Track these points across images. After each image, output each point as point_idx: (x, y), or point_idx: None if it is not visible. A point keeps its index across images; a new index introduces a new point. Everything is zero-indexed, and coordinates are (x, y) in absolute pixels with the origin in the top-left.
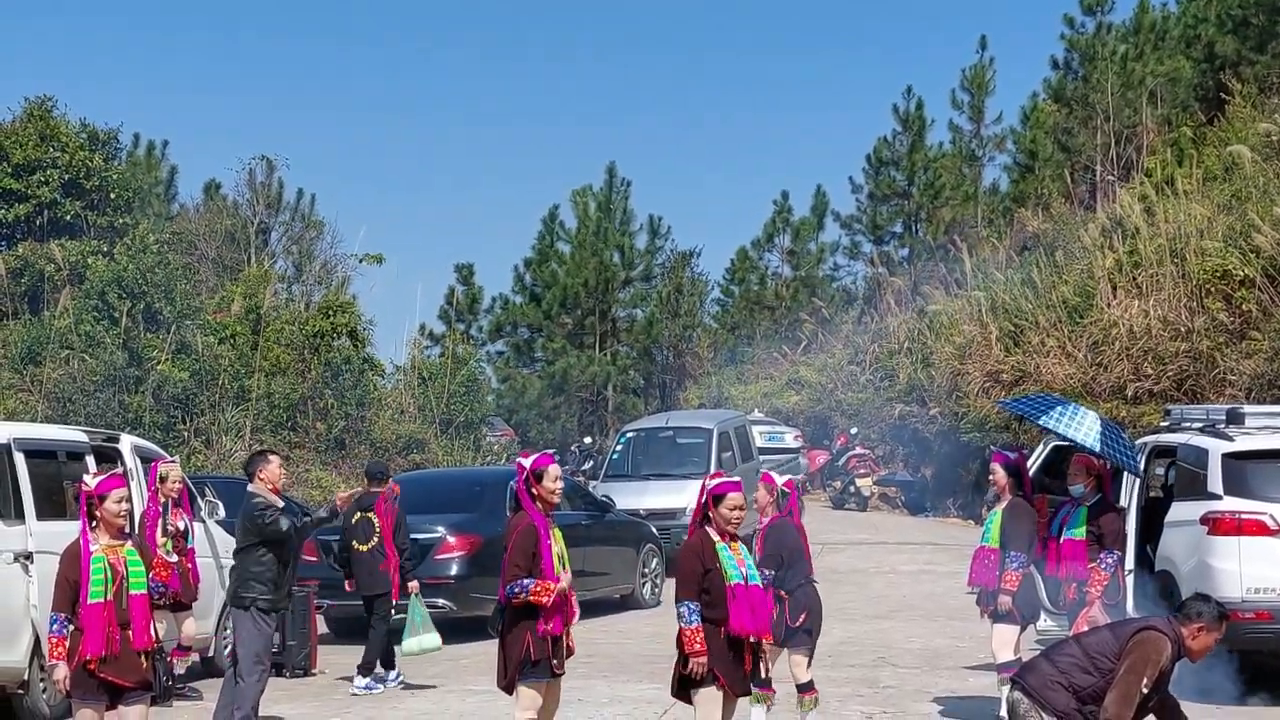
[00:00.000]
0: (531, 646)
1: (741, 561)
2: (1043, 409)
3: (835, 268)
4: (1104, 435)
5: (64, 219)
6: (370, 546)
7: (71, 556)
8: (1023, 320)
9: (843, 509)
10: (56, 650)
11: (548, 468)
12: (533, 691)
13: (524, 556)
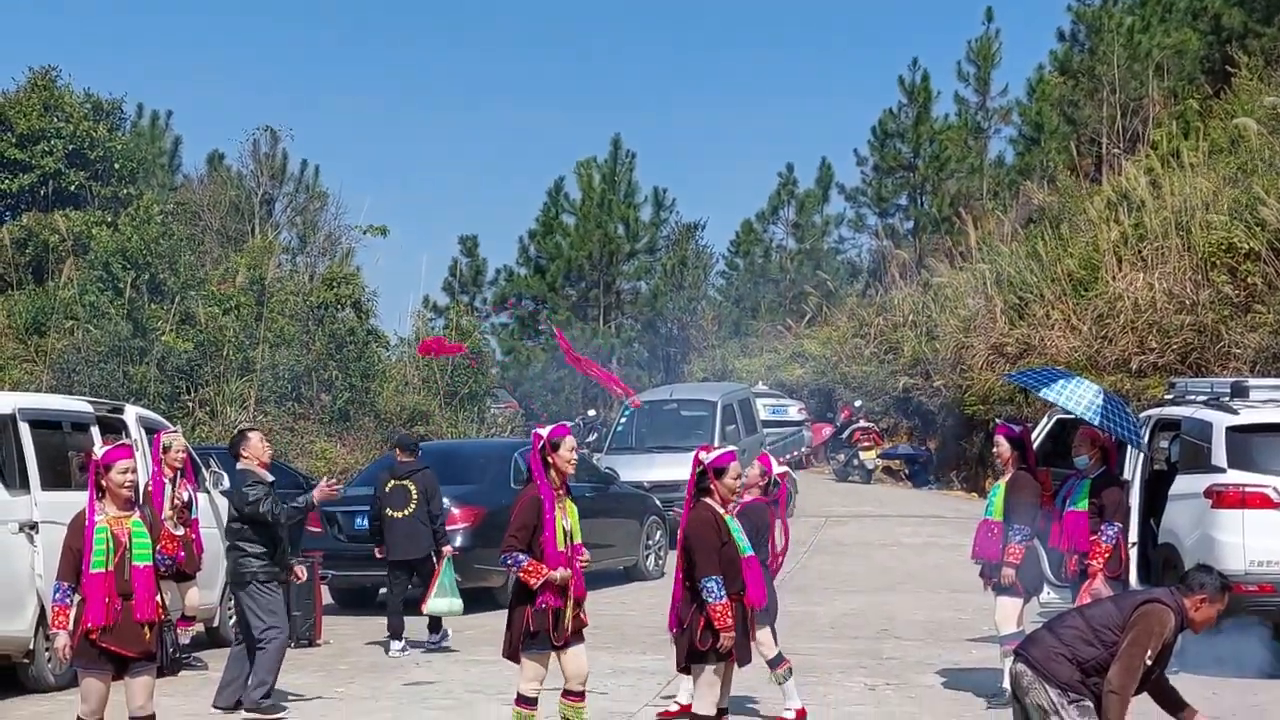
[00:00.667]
0: (530, 619)
1: (744, 534)
2: (1045, 381)
3: (840, 240)
4: (1105, 408)
5: (68, 189)
6: (407, 513)
7: (76, 526)
8: (1027, 293)
9: (846, 481)
10: (59, 619)
11: (564, 438)
12: (535, 663)
13: (522, 529)
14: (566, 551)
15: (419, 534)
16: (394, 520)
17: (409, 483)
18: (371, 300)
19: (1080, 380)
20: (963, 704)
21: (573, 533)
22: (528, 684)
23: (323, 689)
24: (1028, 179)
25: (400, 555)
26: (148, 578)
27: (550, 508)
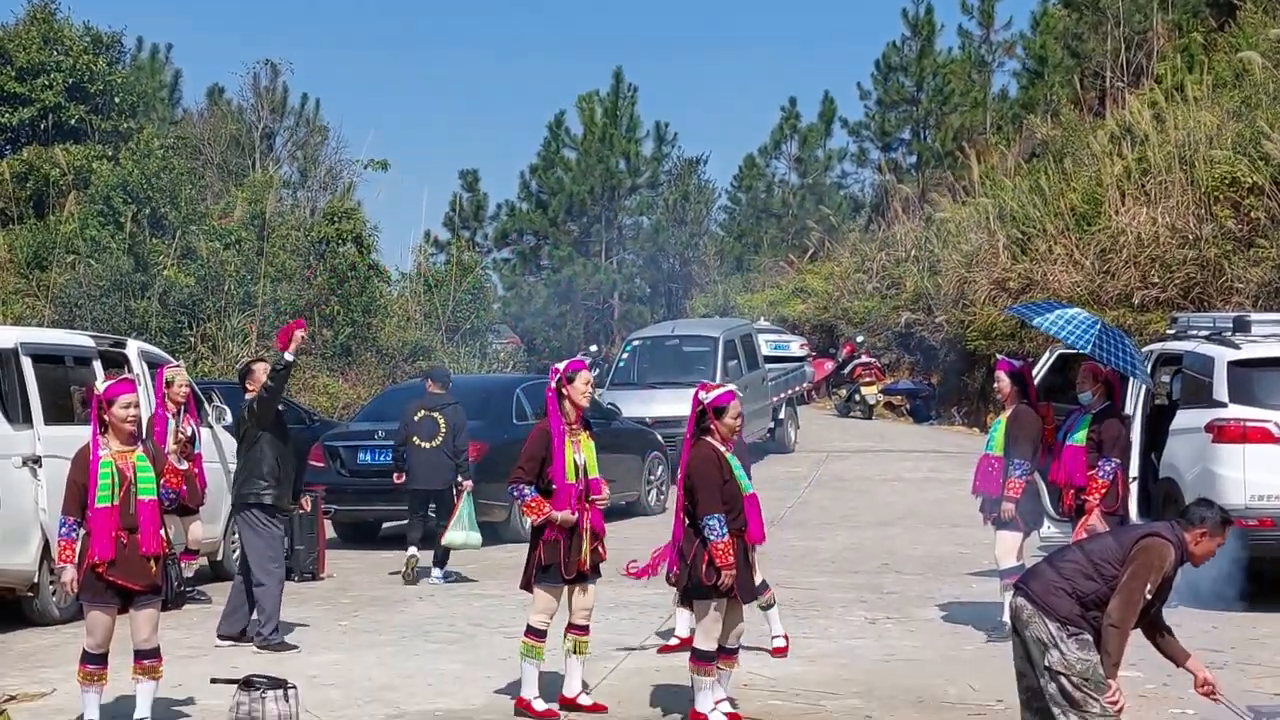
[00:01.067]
0: (541, 552)
1: (744, 470)
2: (1041, 312)
3: (843, 175)
4: (1101, 339)
5: (68, 123)
6: (434, 444)
7: (80, 461)
8: (1030, 228)
9: (848, 417)
10: (65, 553)
11: (580, 371)
12: (546, 595)
13: (530, 460)
14: (578, 484)
15: (442, 466)
16: (419, 450)
17: (439, 415)
18: (373, 235)
19: (1078, 312)
20: (963, 637)
21: (588, 467)
22: (537, 616)
23: (326, 622)
24: (1031, 113)
25: (421, 484)
26: (153, 511)
27: (560, 440)
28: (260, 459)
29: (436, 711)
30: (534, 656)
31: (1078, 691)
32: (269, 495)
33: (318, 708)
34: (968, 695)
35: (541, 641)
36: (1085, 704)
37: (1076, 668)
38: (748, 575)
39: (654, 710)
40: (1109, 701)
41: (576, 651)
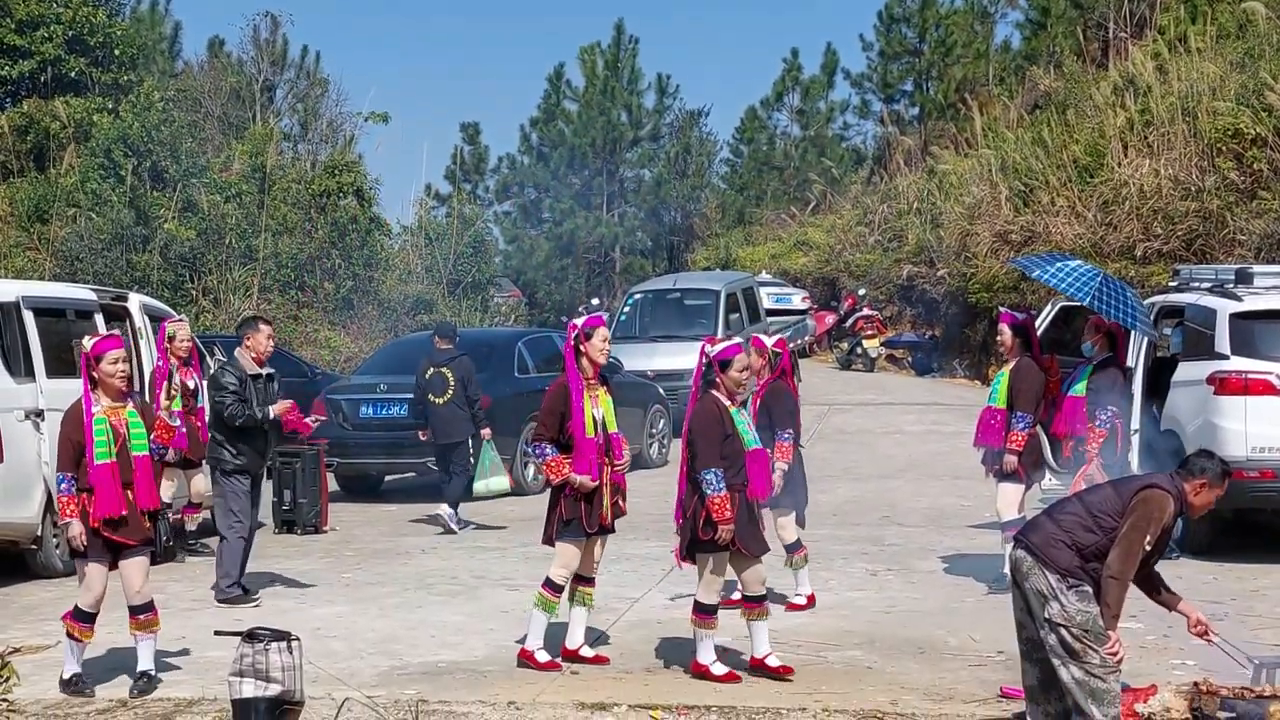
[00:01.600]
0: (564, 506)
1: (750, 426)
2: (1042, 264)
3: (845, 127)
4: (1101, 291)
5: (68, 76)
6: (446, 399)
7: (74, 418)
8: (1033, 180)
9: (850, 370)
10: (69, 508)
11: (598, 328)
12: (569, 549)
13: (551, 416)
14: (597, 438)
15: (457, 418)
16: (435, 406)
17: (446, 370)
18: (374, 188)
19: (1080, 264)
20: (964, 589)
21: (606, 422)
22: (559, 570)
23: (329, 575)
24: (1034, 64)
25: (441, 439)
26: (147, 466)
27: (578, 395)
28: (231, 431)
29: (439, 662)
30: (548, 610)
31: (1078, 643)
32: (230, 464)
33: (321, 659)
34: (968, 646)
35: (558, 596)
36: (1085, 655)
37: (1076, 619)
38: (753, 529)
39: (656, 662)
40: (1109, 653)
41: (583, 603)
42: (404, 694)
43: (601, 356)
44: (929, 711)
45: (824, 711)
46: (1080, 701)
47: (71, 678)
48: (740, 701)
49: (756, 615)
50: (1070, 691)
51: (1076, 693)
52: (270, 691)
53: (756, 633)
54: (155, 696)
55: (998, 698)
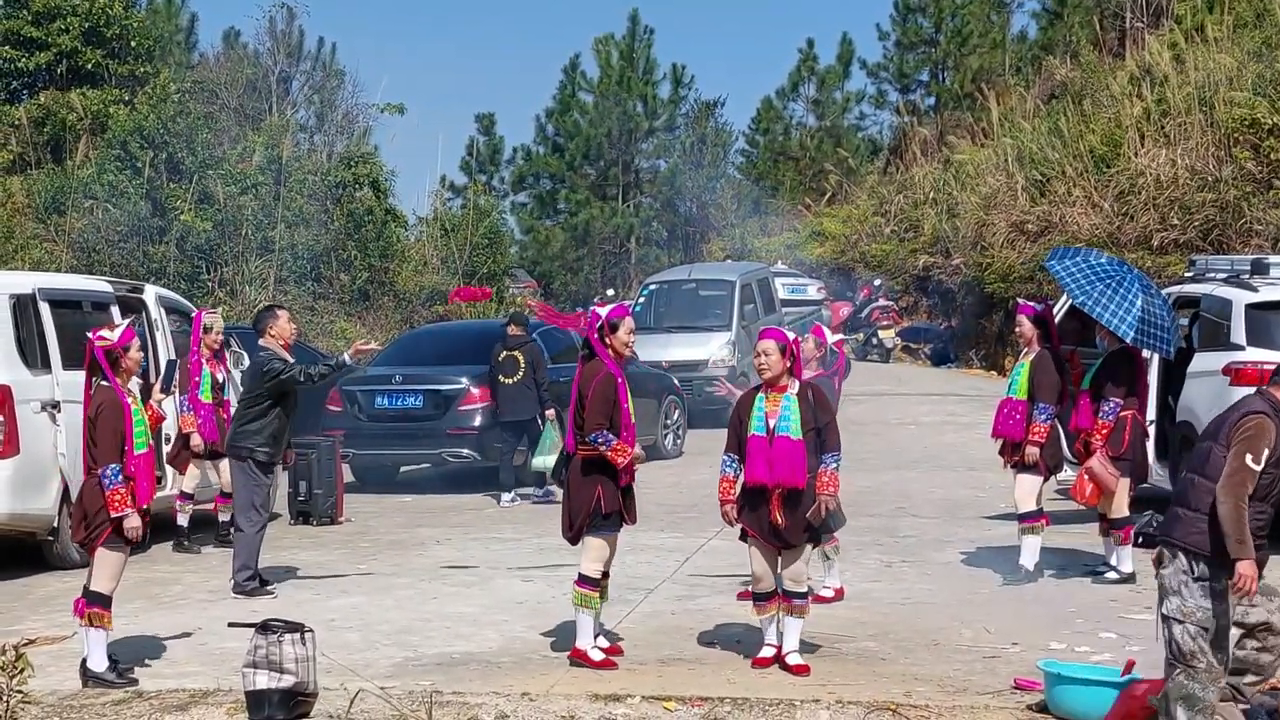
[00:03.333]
0: (603, 499)
1: (773, 414)
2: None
3: (861, 117)
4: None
5: (85, 68)
6: (516, 380)
7: (115, 406)
8: (1049, 170)
9: (865, 360)
10: (122, 501)
11: (624, 319)
12: (601, 542)
13: (606, 405)
14: None
15: (526, 398)
16: (504, 386)
17: (518, 353)
18: (389, 179)
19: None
20: (979, 581)
21: (630, 413)
22: (593, 565)
23: (344, 566)
24: (1050, 54)
25: (510, 416)
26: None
27: (623, 388)
28: (266, 423)
29: (454, 653)
30: (589, 606)
31: (1193, 642)
32: (263, 454)
33: (336, 650)
34: (982, 638)
35: (596, 590)
36: (1194, 659)
37: (1195, 615)
38: (757, 519)
39: (670, 653)
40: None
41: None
42: (418, 685)
43: (627, 350)
44: (942, 703)
45: (837, 703)
46: (1171, 705)
47: (109, 664)
48: (753, 693)
49: (788, 611)
50: (1165, 695)
51: (1170, 695)
52: (284, 683)
53: (788, 628)
54: (171, 687)
55: (1011, 689)
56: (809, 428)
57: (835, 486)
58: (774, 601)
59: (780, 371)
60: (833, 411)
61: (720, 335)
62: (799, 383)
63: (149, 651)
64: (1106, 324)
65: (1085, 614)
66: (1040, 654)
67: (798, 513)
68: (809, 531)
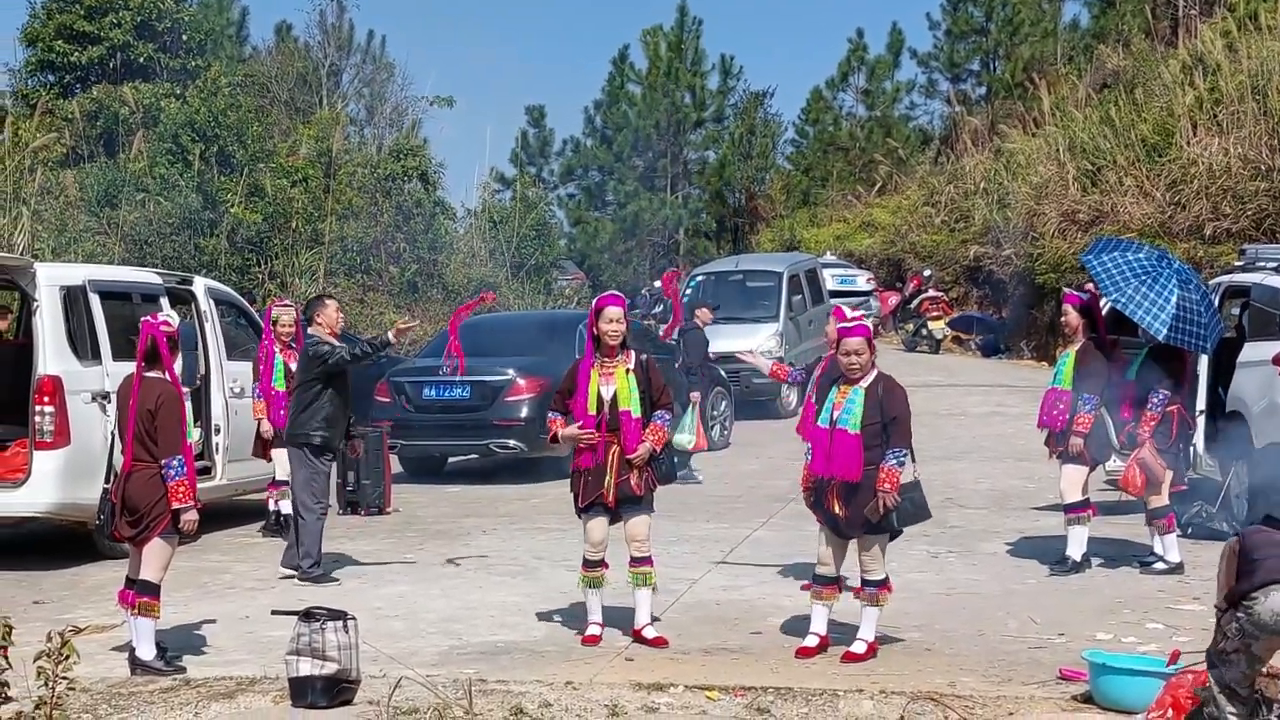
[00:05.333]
0: (571, 482)
1: (839, 406)
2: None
3: (911, 107)
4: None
5: (137, 61)
6: None
7: (177, 399)
8: (1101, 159)
9: (915, 351)
10: (187, 493)
11: (606, 307)
12: (585, 525)
13: (560, 393)
14: (599, 416)
15: (678, 384)
16: None
17: (682, 340)
18: (438, 172)
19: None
20: (1025, 571)
21: (618, 399)
22: (585, 546)
23: (391, 555)
24: (1102, 43)
25: None
26: None
27: (584, 371)
28: (320, 407)
29: (498, 642)
30: (586, 585)
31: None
32: (319, 437)
33: (381, 639)
34: (1028, 628)
35: (592, 572)
36: None
37: None
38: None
39: (713, 642)
40: None
41: (638, 584)
42: (462, 673)
43: (608, 338)
44: (987, 693)
45: (881, 693)
46: (1216, 697)
47: (157, 652)
48: (797, 683)
49: (863, 600)
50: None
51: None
52: (326, 670)
53: (863, 616)
54: (218, 675)
55: (1056, 679)
56: (872, 422)
57: (893, 483)
58: (831, 589)
59: (869, 370)
60: (904, 407)
61: (768, 327)
62: (874, 374)
63: (197, 640)
64: (1140, 321)
65: (1132, 604)
66: (1086, 644)
67: (855, 505)
68: (869, 524)
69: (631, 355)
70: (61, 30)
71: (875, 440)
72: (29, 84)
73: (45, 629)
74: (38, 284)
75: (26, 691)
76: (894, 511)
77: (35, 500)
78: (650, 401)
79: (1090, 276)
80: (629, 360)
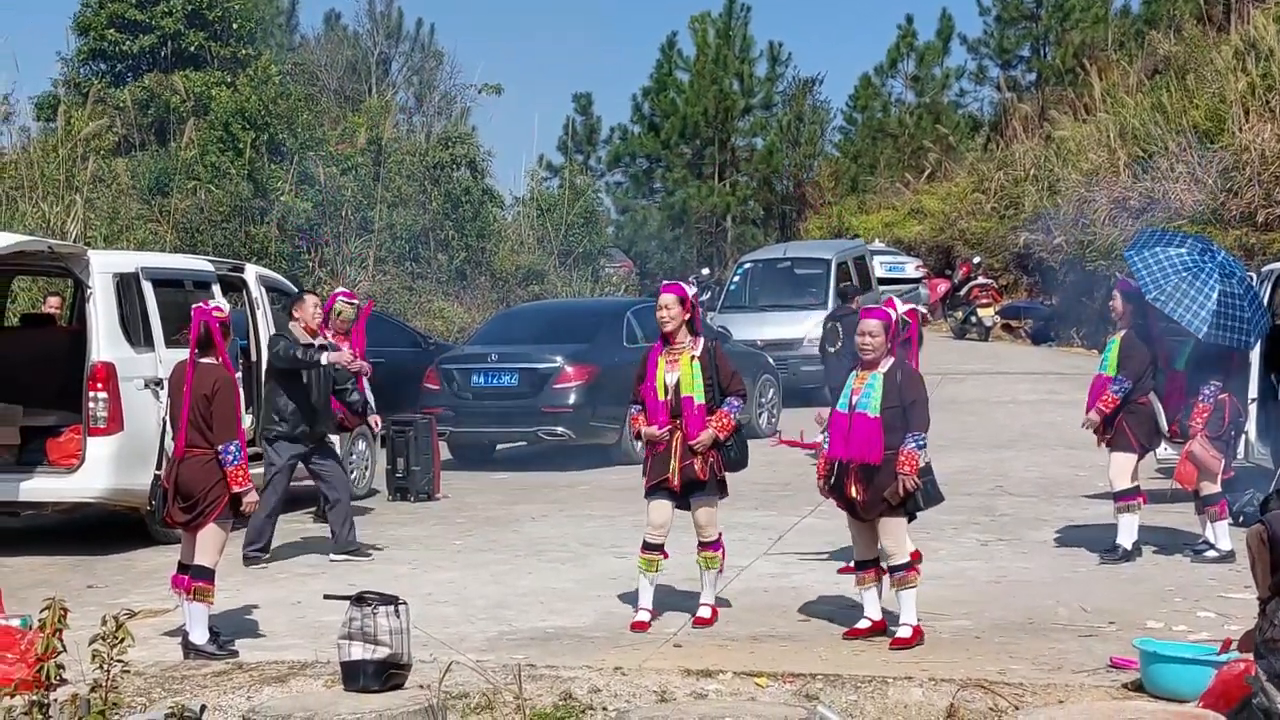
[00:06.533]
0: (643, 465)
1: (858, 391)
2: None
3: (961, 93)
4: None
5: (188, 50)
6: (836, 350)
7: (230, 384)
8: (1152, 146)
9: (964, 339)
10: (245, 476)
11: (660, 295)
12: (649, 508)
13: (636, 377)
14: (668, 402)
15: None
16: (828, 355)
17: (839, 325)
18: (486, 160)
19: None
20: (1075, 559)
21: (680, 386)
22: (646, 529)
23: (441, 541)
24: (1154, 28)
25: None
26: None
27: (653, 359)
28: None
29: (548, 628)
30: (641, 569)
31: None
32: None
33: (432, 624)
34: (1078, 617)
35: (649, 555)
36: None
37: None
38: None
39: (762, 629)
40: None
41: (703, 567)
42: (512, 658)
43: (661, 324)
44: (1037, 681)
45: (930, 680)
46: (1265, 685)
47: (210, 637)
48: (846, 670)
49: (892, 584)
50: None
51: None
52: (378, 654)
53: (900, 601)
54: (270, 659)
55: (1107, 668)
56: (891, 406)
57: (913, 466)
58: (871, 572)
59: (882, 353)
60: (922, 391)
61: (815, 314)
62: (892, 361)
63: (249, 624)
64: (1179, 320)
65: (1183, 592)
66: (1137, 633)
67: (873, 488)
68: (887, 506)
69: (700, 342)
70: (113, 19)
71: (895, 424)
72: (81, 73)
73: (99, 613)
74: (91, 271)
75: (81, 674)
76: (915, 493)
77: (89, 486)
78: (719, 388)
79: (1130, 272)
80: (695, 347)
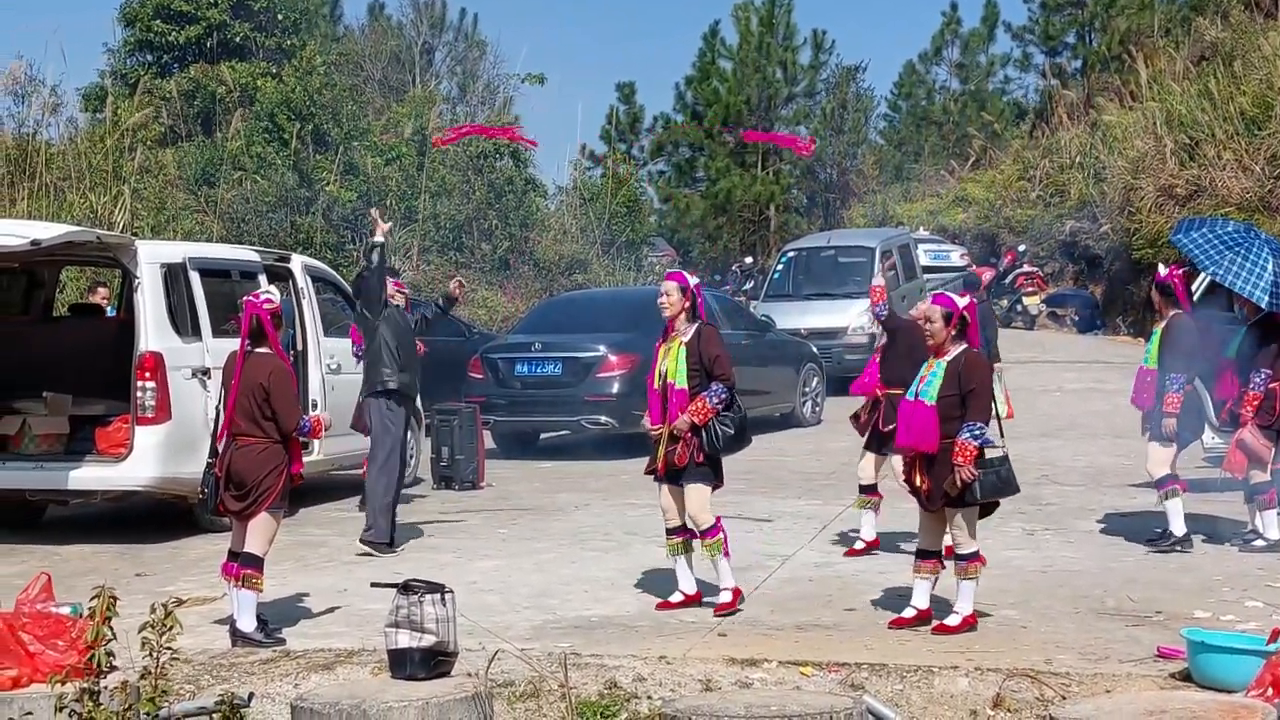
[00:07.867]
0: None
1: (923, 379)
2: (1214, 256)
3: (1006, 81)
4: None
5: (233, 41)
6: None
7: (285, 372)
8: (1199, 133)
9: (1009, 327)
10: None
11: (663, 283)
12: (661, 495)
13: None
14: (660, 391)
15: None
16: None
17: None
18: (529, 150)
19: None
20: (1121, 549)
21: (668, 374)
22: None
23: (485, 530)
24: (1201, 15)
25: None
26: None
27: (656, 349)
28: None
29: (591, 617)
30: (670, 553)
31: None
32: (392, 380)
33: (476, 612)
34: (1125, 606)
35: (672, 539)
36: None
37: None
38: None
39: (807, 618)
40: None
41: (709, 555)
42: (556, 647)
43: (661, 310)
44: (1083, 671)
45: (976, 670)
46: None
47: (258, 624)
48: (891, 659)
49: (958, 573)
50: None
51: None
52: (425, 642)
53: (958, 590)
54: (317, 647)
55: (1154, 658)
56: (948, 394)
57: (966, 458)
58: (930, 563)
59: (944, 339)
60: (981, 380)
61: (859, 303)
62: (961, 348)
63: (296, 612)
64: (1240, 291)
65: (1231, 582)
66: (1184, 623)
67: (934, 477)
68: (949, 497)
69: (693, 328)
70: (159, 10)
71: (952, 413)
72: (128, 64)
73: (148, 601)
74: (139, 261)
75: (131, 662)
76: (973, 484)
77: (137, 475)
78: (705, 373)
79: (1182, 255)
80: (686, 333)
